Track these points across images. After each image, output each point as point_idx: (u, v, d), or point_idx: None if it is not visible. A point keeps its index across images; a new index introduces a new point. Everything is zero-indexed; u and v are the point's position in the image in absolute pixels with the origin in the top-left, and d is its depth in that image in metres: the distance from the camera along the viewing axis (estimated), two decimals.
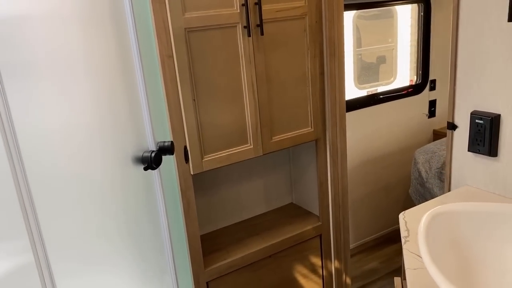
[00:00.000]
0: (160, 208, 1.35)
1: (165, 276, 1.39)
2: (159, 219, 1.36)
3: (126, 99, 1.20)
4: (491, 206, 1.35)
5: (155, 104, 1.35)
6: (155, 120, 1.32)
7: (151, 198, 1.31)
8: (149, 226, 1.31)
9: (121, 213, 1.16)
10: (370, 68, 2.93)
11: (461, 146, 1.53)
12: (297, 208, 2.45)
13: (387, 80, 2.96)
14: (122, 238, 1.17)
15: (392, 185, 2.91)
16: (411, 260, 1.14)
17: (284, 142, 2.01)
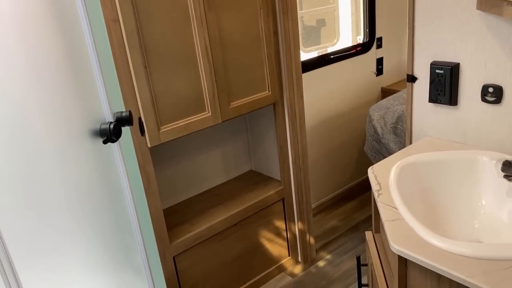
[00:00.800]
0: (123, 184, 1.26)
1: (134, 254, 1.32)
2: (124, 196, 1.26)
3: (74, 68, 1.08)
4: (454, 153, 1.38)
5: (107, 73, 1.23)
6: (109, 90, 1.20)
7: (113, 173, 1.21)
8: (113, 203, 1.21)
9: (82, 190, 1.05)
10: (311, 32, 2.90)
11: (421, 98, 1.54)
12: (258, 174, 2.42)
13: (330, 42, 2.95)
14: (85, 218, 1.07)
15: (346, 144, 2.96)
16: (387, 212, 1.14)
17: (242, 108, 1.94)
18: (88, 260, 1.05)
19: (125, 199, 1.25)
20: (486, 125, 1.39)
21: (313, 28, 2.93)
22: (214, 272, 2.10)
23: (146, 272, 1.36)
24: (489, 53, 1.31)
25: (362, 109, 3.00)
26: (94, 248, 1.08)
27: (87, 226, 1.05)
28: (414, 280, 1.03)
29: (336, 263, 2.38)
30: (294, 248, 2.39)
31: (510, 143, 1.35)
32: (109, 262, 1.17)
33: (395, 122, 2.22)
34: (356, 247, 2.48)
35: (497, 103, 1.34)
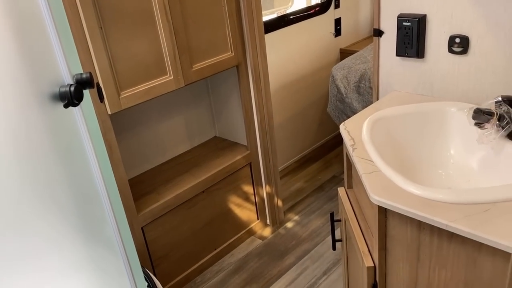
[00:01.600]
0: (88, 152, 1.17)
1: (104, 226, 1.25)
2: (89, 164, 1.18)
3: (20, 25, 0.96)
4: (423, 106, 1.40)
5: (62, 32, 1.12)
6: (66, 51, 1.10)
7: (77, 141, 1.12)
8: (77, 172, 1.13)
9: (41, 158, 0.97)
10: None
11: (388, 52, 1.54)
12: (223, 140, 2.37)
13: (284, 6, 2.89)
14: (46, 189, 0.99)
15: (308, 107, 2.95)
16: (364, 165, 1.14)
17: (205, 70, 1.87)
18: (51, 234, 0.98)
19: (91, 168, 1.17)
20: (452, 76, 1.41)
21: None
22: (184, 240, 2.06)
23: (118, 243, 1.30)
24: (456, 2, 1.31)
25: (322, 71, 2.99)
26: (58, 221, 1.01)
27: (48, 198, 0.98)
28: (394, 230, 1.04)
29: (304, 223, 2.41)
30: (263, 211, 2.40)
31: (476, 93, 1.37)
32: (77, 234, 1.10)
33: (358, 81, 2.23)
34: (322, 207, 2.52)
35: (464, 53, 1.35)
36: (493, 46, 1.28)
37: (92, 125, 1.27)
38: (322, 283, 2.01)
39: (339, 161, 2.96)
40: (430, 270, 1.01)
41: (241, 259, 2.22)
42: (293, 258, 2.18)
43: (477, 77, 1.35)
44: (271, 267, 2.14)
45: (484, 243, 0.87)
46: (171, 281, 2.06)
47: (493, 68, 1.31)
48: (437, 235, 0.96)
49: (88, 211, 1.17)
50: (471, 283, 0.94)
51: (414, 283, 1.06)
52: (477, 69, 1.34)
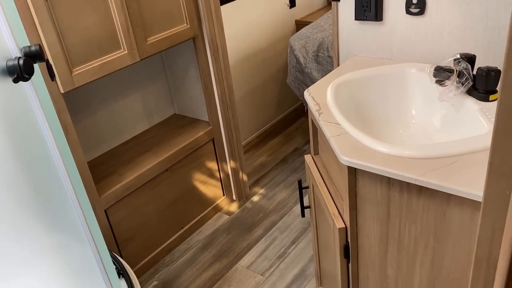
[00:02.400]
0: (44, 131, 1.10)
1: (66, 206, 1.19)
2: (46, 144, 1.12)
3: None
4: (383, 68, 1.41)
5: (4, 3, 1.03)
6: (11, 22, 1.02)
7: (31, 119, 1.05)
8: (33, 153, 1.06)
9: None
10: None
11: (347, 17, 1.53)
12: (183, 117, 2.32)
13: None
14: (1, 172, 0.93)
15: (267, 81, 2.93)
16: (331, 128, 1.13)
17: (161, 43, 1.80)
18: (6, 221, 0.92)
19: (48, 148, 1.11)
20: (411, 38, 1.42)
21: None
22: (150, 220, 2.02)
23: (83, 225, 1.25)
24: None
25: (279, 43, 2.97)
26: (14, 207, 0.95)
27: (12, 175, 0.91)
28: (364, 189, 1.05)
29: (270, 196, 2.42)
30: (228, 187, 2.38)
31: (434, 54, 1.40)
32: (38, 219, 1.04)
33: (317, 50, 2.22)
34: (287, 179, 2.54)
35: (421, 14, 1.36)
36: (449, 6, 1.30)
37: (46, 103, 1.20)
38: (291, 252, 2.03)
39: (300, 133, 2.98)
40: (401, 226, 1.03)
41: (209, 235, 2.21)
42: (261, 231, 2.19)
43: (434, 38, 1.38)
44: (240, 241, 2.14)
45: (452, 194, 0.90)
46: (140, 263, 2.01)
47: (450, 28, 1.33)
48: (407, 191, 0.97)
49: (48, 195, 1.11)
50: (441, 235, 0.97)
51: (385, 240, 1.08)
52: (434, 29, 1.36)
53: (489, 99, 1.12)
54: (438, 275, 1.02)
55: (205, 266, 2.03)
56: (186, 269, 2.03)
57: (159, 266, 2.07)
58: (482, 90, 1.13)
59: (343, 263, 1.21)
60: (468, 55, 1.18)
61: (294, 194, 2.40)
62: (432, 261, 1.01)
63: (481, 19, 1.26)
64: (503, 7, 1.21)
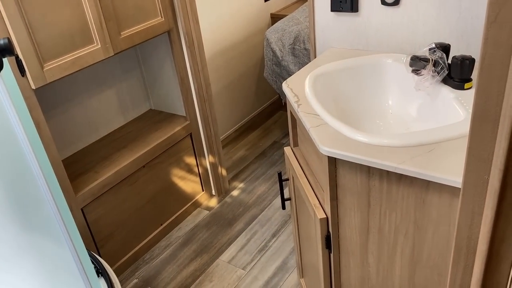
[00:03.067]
0: (16, 127, 1.07)
1: (41, 205, 1.16)
2: (18, 141, 1.08)
3: None
4: (360, 59, 1.41)
5: None
6: None
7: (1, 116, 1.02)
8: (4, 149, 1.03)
9: None
10: None
11: (323, 8, 1.53)
12: (159, 113, 2.28)
13: None
14: None
15: (243, 74, 2.92)
16: (310, 119, 1.13)
17: (135, 37, 1.76)
18: None
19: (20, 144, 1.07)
20: (386, 29, 1.43)
21: None
22: (128, 218, 1.98)
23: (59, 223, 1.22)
24: None
25: (255, 37, 2.95)
26: None
27: None
28: (345, 179, 1.06)
29: (250, 190, 2.41)
30: (207, 182, 2.36)
31: (409, 44, 1.41)
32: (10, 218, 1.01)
33: (293, 43, 2.22)
34: (266, 172, 2.54)
35: (396, 4, 1.38)
36: None
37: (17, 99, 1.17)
38: (272, 244, 2.03)
39: (278, 127, 2.98)
40: (381, 215, 1.04)
41: (189, 231, 2.19)
42: (242, 225, 2.18)
43: (409, 28, 1.39)
44: (221, 235, 2.13)
45: (431, 182, 0.91)
46: (119, 261, 1.98)
47: (425, 18, 1.35)
48: (386, 179, 0.98)
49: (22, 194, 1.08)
50: (420, 222, 0.98)
51: (366, 229, 1.09)
52: (409, 20, 1.38)
53: (464, 87, 1.14)
54: (418, 261, 1.04)
55: (186, 262, 2.02)
56: (167, 266, 2.01)
57: (139, 263, 2.04)
58: (457, 78, 1.15)
59: (324, 253, 1.22)
60: (443, 44, 1.20)
61: (273, 187, 2.40)
62: (412, 248, 1.03)
63: (455, 9, 1.28)
64: None
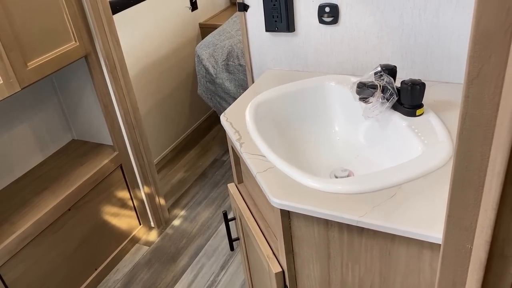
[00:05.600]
0: None
1: None
2: None
3: None
4: (302, 83, 1.30)
5: None
6: None
7: None
8: None
9: None
10: None
11: (257, 28, 1.40)
12: (83, 143, 2.05)
13: None
14: None
15: (175, 89, 2.73)
16: (256, 163, 1.00)
17: (46, 67, 1.53)
18: None
19: None
20: (326, 48, 1.34)
21: None
22: (56, 269, 1.75)
23: None
24: None
25: (184, 49, 2.78)
26: None
27: None
28: (300, 231, 0.93)
29: (192, 217, 2.25)
30: (144, 214, 2.16)
31: (351, 63, 1.33)
32: None
33: (226, 58, 2.08)
34: (209, 195, 2.38)
35: (335, 23, 1.28)
36: (363, 13, 1.23)
37: None
38: (221, 279, 1.88)
39: (217, 143, 2.83)
40: (343, 267, 0.93)
41: (128, 272, 1.98)
42: (187, 259, 2.01)
43: (350, 47, 1.30)
44: (164, 274, 1.95)
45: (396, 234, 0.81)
46: None
47: (366, 36, 1.26)
48: (347, 231, 0.87)
49: None
50: (387, 274, 0.88)
51: (327, 282, 0.98)
52: (349, 38, 1.29)
53: (416, 113, 1.06)
54: None
55: None
56: None
57: None
58: (407, 105, 1.07)
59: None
60: (389, 67, 1.11)
61: (218, 212, 2.25)
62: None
63: (397, 26, 1.20)
64: (417, 14, 1.16)
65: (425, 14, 1.15)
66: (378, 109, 1.08)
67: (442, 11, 1.13)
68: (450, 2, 1.11)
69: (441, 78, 1.23)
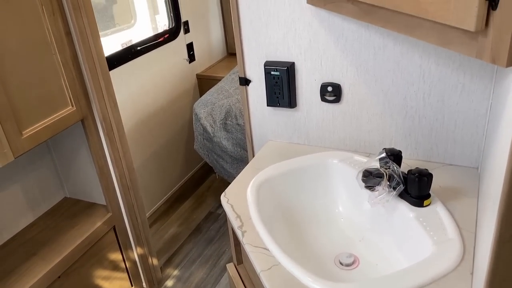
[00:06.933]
0: None
1: None
2: None
3: None
4: (304, 160, 1.28)
5: None
6: None
7: None
8: None
9: None
10: (101, 11, 2.47)
11: (258, 101, 1.39)
12: (76, 202, 1.99)
13: (127, 23, 2.59)
14: None
15: (171, 140, 2.71)
16: (259, 258, 0.96)
17: (41, 134, 1.50)
18: None
19: None
20: (328, 124, 1.32)
21: (101, 5, 2.48)
22: None
23: None
24: (324, 50, 1.22)
25: (181, 99, 2.77)
26: None
27: None
28: None
29: (186, 278, 2.18)
30: (136, 276, 2.09)
31: (353, 140, 1.31)
32: None
33: (224, 118, 2.06)
34: (203, 253, 2.32)
35: (337, 102, 1.27)
36: (366, 93, 1.22)
37: None
38: None
39: (212, 194, 2.78)
40: None
41: None
42: None
43: (353, 125, 1.29)
44: None
45: None
46: None
47: (369, 116, 1.25)
48: None
49: None
50: None
51: None
52: (352, 116, 1.27)
53: (423, 204, 1.04)
54: None
55: None
56: None
57: None
58: (415, 195, 1.04)
59: None
60: (394, 152, 1.10)
61: (212, 272, 2.19)
62: None
63: (400, 107, 1.20)
64: (421, 97, 1.16)
65: (429, 98, 1.15)
66: (384, 198, 1.06)
67: (447, 96, 1.13)
68: (455, 88, 1.11)
69: (445, 160, 1.21)
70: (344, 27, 1.16)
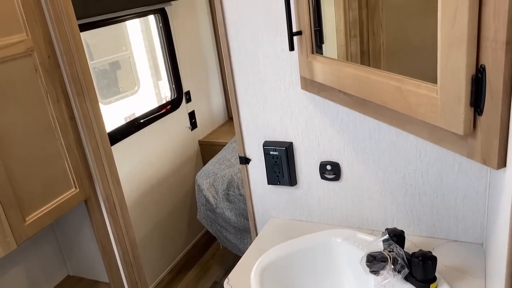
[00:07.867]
0: None
1: None
2: None
3: None
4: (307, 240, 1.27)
5: None
6: None
7: None
8: None
9: None
10: (107, 78, 2.55)
11: (259, 179, 1.40)
12: (79, 280, 1.96)
13: (131, 90, 2.67)
14: None
15: (174, 209, 2.70)
16: None
17: (44, 219, 1.51)
18: None
19: None
20: (329, 201, 1.32)
21: (106, 72, 2.57)
22: None
23: None
24: (320, 131, 1.25)
25: (184, 167, 2.79)
26: None
27: None
28: None
29: None
30: None
31: (355, 217, 1.31)
32: None
33: (227, 188, 2.07)
34: None
35: (337, 180, 1.28)
36: (365, 172, 1.23)
37: None
38: None
39: (217, 262, 2.73)
40: None
41: None
42: None
43: (354, 202, 1.29)
44: None
45: None
46: None
47: (369, 193, 1.25)
48: None
49: None
50: None
51: None
52: (352, 194, 1.28)
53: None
54: None
55: None
56: None
57: None
58: (420, 279, 1.02)
59: None
60: (396, 232, 1.09)
61: None
62: None
63: (400, 185, 1.20)
64: (419, 176, 1.17)
65: (427, 176, 1.16)
66: (390, 283, 1.04)
67: (445, 174, 1.13)
68: (452, 167, 1.12)
69: (449, 236, 1.20)
70: (338, 110, 1.20)
